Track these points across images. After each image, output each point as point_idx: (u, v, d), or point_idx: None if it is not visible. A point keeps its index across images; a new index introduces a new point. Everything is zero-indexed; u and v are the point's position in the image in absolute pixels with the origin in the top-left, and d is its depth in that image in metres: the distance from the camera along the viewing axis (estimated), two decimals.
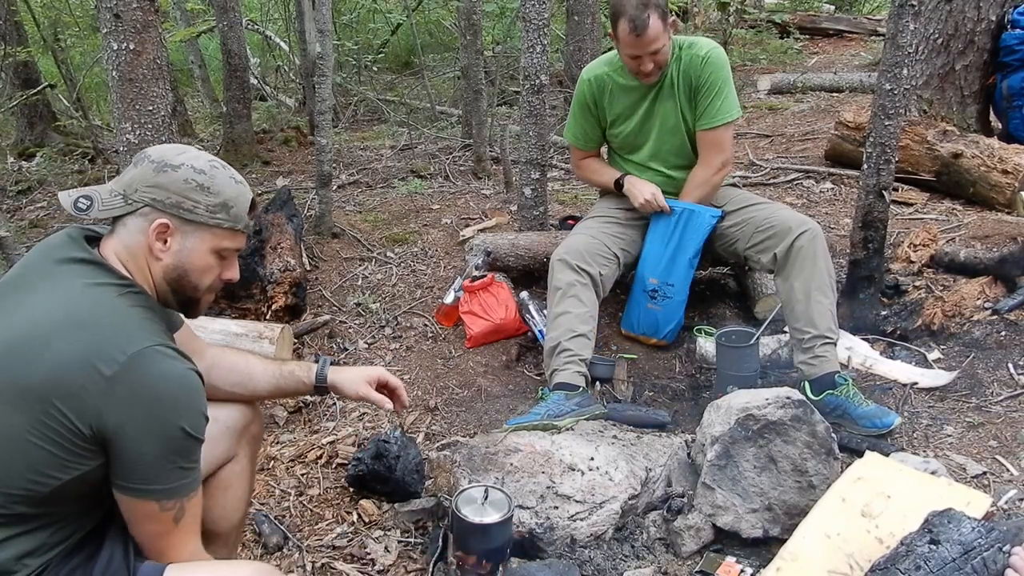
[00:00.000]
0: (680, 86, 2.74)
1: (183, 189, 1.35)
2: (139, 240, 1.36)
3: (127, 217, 1.36)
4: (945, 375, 2.69)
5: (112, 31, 2.74)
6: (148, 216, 1.35)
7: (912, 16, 2.71)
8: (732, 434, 1.97)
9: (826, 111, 5.69)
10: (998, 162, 3.79)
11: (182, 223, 1.36)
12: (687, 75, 2.72)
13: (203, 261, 1.40)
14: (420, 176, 4.90)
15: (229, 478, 1.66)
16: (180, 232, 1.37)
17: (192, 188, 1.35)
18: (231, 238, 1.43)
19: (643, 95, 2.79)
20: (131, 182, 1.35)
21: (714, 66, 2.69)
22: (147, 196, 1.34)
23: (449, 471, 2.15)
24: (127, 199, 1.35)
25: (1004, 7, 4.34)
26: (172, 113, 2.96)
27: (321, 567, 2.03)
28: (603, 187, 3.06)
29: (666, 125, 2.80)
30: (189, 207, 1.35)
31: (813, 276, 2.55)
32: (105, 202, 1.35)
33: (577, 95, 2.90)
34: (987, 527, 1.54)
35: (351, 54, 7.17)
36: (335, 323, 3.22)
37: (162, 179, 1.34)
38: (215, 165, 1.39)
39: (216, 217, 1.38)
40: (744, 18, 8.27)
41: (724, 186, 2.89)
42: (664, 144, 2.83)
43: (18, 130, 6.03)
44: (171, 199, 1.34)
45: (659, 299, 2.91)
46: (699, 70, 2.69)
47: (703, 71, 2.69)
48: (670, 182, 2.87)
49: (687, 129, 2.80)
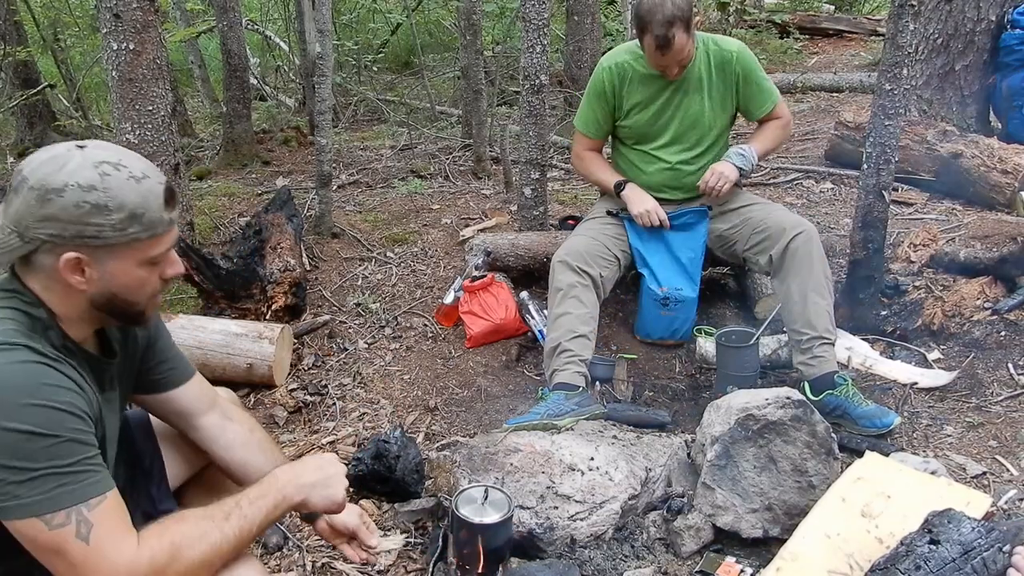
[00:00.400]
0: (710, 81, 2.75)
1: (77, 216, 1.15)
2: (53, 275, 1.19)
3: (31, 255, 1.18)
4: (945, 375, 2.69)
5: (112, 31, 2.74)
6: (52, 252, 1.17)
7: (912, 16, 2.71)
8: (732, 434, 1.97)
9: (826, 111, 5.69)
10: (998, 162, 3.79)
11: (92, 251, 1.18)
12: (720, 70, 2.74)
13: (131, 278, 1.24)
14: (420, 176, 4.90)
15: (215, 477, 1.64)
16: (94, 260, 1.19)
17: (87, 212, 1.15)
18: (154, 244, 1.24)
19: (664, 86, 2.77)
20: (19, 216, 1.16)
21: (749, 58, 2.76)
22: (43, 232, 1.15)
23: (449, 471, 2.15)
24: (23, 237, 1.16)
25: (1004, 7, 4.34)
26: (172, 113, 2.96)
27: (321, 567, 2.03)
28: (600, 186, 3.05)
29: (688, 118, 2.79)
30: (92, 233, 1.16)
31: (809, 277, 2.56)
32: (1, 243, 1.18)
33: (595, 82, 2.86)
34: (987, 527, 1.54)
35: (351, 54, 7.17)
36: (335, 323, 3.22)
37: (50, 210, 1.14)
38: (105, 171, 1.17)
39: (127, 233, 1.18)
40: (744, 18, 8.28)
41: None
42: (682, 136, 2.82)
43: (18, 130, 6.04)
44: (69, 230, 1.15)
45: (672, 304, 2.91)
46: (735, 65, 2.74)
47: (738, 65, 2.74)
48: (677, 175, 2.85)
49: (709, 123, 2.80)
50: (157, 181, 1.23)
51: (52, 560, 1.13)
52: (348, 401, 2.80)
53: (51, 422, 1.11)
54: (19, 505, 1.09)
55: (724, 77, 2.75)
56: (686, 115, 2.79)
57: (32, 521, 1.10)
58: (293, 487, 1.36)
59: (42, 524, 1.10)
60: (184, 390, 1.54)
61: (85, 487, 1.13)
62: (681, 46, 2.56)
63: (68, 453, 1.12)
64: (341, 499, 1.43)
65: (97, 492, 1.15)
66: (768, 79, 2.83)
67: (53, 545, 1.11)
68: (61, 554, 1.12)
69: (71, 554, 1.12)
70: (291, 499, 1.35)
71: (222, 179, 4.98)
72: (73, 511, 1.11)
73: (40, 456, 1.10)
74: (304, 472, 1.39)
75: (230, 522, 1.25)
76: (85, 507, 1.12)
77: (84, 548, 1.12)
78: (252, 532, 1.28)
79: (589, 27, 5.76)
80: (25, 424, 1.09)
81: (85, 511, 1.12)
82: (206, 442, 1.55)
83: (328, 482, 1.41)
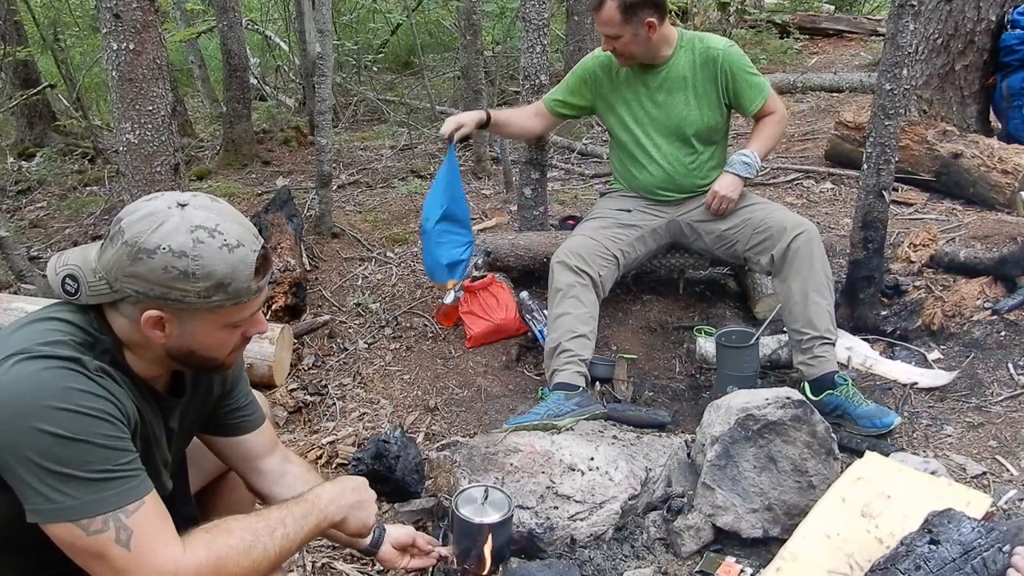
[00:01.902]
0: (694, 79, 2.75)
1: (164, 280, 1.16)
2: (134, 325, 1.22)
3: (117, 303, 1.21)
4: (945, 375, 2.69)
5: (112, 31, 2.74)
6: (136, 305, 1.19)
7: (912, 16, 2.71)
8: (732, 434, 1.97)
9: (826, 111, 5.69)
10: (998, 162, 3.79)
11: (175, 311, 1.20)
12: (705, 68, 2.74)
13: (212, 340, 1.26)
14: (420, 176, 4.90)
15: (235, 479, 1.64)
16: (176, 319, 1.21)
17: (174, 278, 1.16)
18: (239, 311, 1.24)
19: (646, 85, 2.80)
20: (110, 267, 1.19)
21: (735, 54, 2.75)
22: (129, 288, 1.18)
23: (449, 471, 2.15)
24: (111, 287, 1.19)
25: (1004, 7, 4.34)
26: (172, 113, 2.96)
27: (321, 567, 2.03)
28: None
29: (672, 117, 2.80)
30: (177, 296, 1.18)
31: (810, 277, 2.56)
32: (92, 287, 1.20)
33: (583, 64, 2.92)
34: (987, 527, 1.54)
35: (351, 54, 7.17)
36: (335, 323, 3.22)
37: (139, 269, 1.16)
38: (199, 237, 1.17)
39: (212, 300, 1.19)
40: (744, 18, 8.27)
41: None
42: (669, 136, 2.82)
43: (18, 130, 6.04)
44: (154, 291, 1.17)
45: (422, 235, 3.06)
46: (722, 62, 2.73)
47: (726, 62, 2.73)
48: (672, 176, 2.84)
49: (696, 122, 2.79)
50: (251, 249, 1.22)
51: (94, 565, 1.12)
52: (348, 401, 2.81)
53: (79, 427, 1.10)
54: (54, 509, 1.09)
55: (710, 75, 2.74)
56: (670, 115, 2.80)
57: (67, 526, 1.10)
58: (335, 507, 1.38)
59: (79, 530, 1.10)
60: (254, 435, 1.55)
61: (121, 493, 1.12)
62: (609, 18, 2.59)
63: (101, 459, 1.11)
64: (372, 524, 1.46)
65: (135, 497, 1.14)
66: (758, 74, 2.81)
67: (93, 551, 1.11)
68: (103, 560, 1.11)
69: (113, 560, 1.11)
70: (332, 518, 1.37)
71: (222, 179, 4.98)
72: (110, 517, 1.11)
73: (71, 461, 1.09)
74: (344, 493, 1.42)
75: (274, 537, 1.25)
76: (123, 513, 1.12)
77: (126, 554, 1.11)
78: (293, 548, 1.29)
79: (589, 27, 5.75)
80: (54, 427, 1.08)
81: (123, 517, 1.12)
82: (267, 484, 1.55)
83: (363, 505, 1.44)
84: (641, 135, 2.85)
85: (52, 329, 1.18)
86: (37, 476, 1.08)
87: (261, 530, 1.24)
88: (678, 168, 2.84)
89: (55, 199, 4.96)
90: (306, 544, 1.35)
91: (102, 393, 1.15)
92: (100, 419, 1.12)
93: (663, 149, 2.83)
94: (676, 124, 2.80)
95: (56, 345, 1.15)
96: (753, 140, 2.86)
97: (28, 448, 1.08)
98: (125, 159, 2.92)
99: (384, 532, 1.62)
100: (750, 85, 2.77)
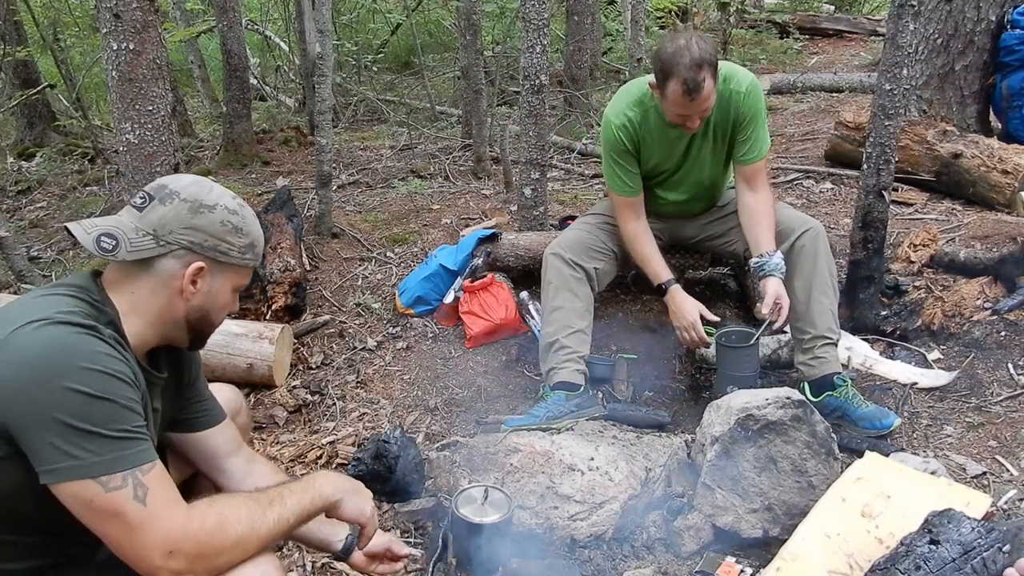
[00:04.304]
0: (716, 122, 2.59)
1: (220, 232, 1.33)
2: (168, 283, 1.31)
3: (155, 259, 1.30)
4: (945, 375, 2.69)
5: (112, 31, 2.74)
6: (183, 259, 1.31)
7: (912, 16, 2.71)
8: (732, 434, 1.97)
9: (826, 111, 5.69)
10: (998, 162, 3.79)
11: (215, 264, 1.35)
12: (726, 110, 2.57)
13: (225, 299, 1.41)
14: (420, 176, 4.90)
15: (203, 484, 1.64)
16: (211, 274, 1.35)
17: (229, 231, 1.34)
18: (247, 275, 1.44)
19: (677, 138, 2.62)
20: (163, 222, 1.29)
21: (756, 99, 2.57)
22: (184, 239, 1.30)
23: (449, 471, 2.15)
24: (159, 240, 1.29)
25: (1004, 7, 4.34)
26: (172, 113, 2.96)
27: (321, 567, 2.03)
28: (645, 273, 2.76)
29: (704, 162, 2.69)
30: (225, 249, 1.34)
31: (814, 276, 2.54)
32: (133, 243, 1.28)
33: (610, 142, 2.65)
34: (987, 527, 1.54)
35: (351, 54, 7.18)
36: (335, 323, 3.22)
37: (199, 221, 1.31)
38: (241, 203, 1.39)
39: (245, 258, 1.38)
40: (744, 18, 8.28)
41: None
42: (697, 178, 2.74)
43: (18, 130, 6.04)
44: (208, 242, 1.32)
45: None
46: (741, 105, 2.55)
47: (745, 105, 2.55)
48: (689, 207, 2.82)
49: (719, 162, 2.70)
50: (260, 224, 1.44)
51: (107, 523, 1.15)
52: (348, 401, 2.80)
53: (107, 386, 1.15)
54: (77, 466, 1.12)
55: (731, 115, 2.57)
56: (695, 163, 2.69)
57: (88, 483, 1.13)
58: (332, 488, 1.41)
59: (99, 487, 1.13)
60: (216, 432, 1.57)
61: (139, 453, 1.17)
62: (709, 91, 2.37)
63: (124, 419, 1.17)
64: (369, 513, 1.46)
65: (150, 458, 1.19)
66: (766, 129, 2.65)
67: (111, 508, 1.14)
68: (119, 516, 1.14)
69: (129, 516, 1.14)
70: (329, 498, 1.39)
71: (222, 179, 4.98)
72: (129, 475, 1.15)
73: (99, 419, 1.13)
74: (341, 478, 1.46)
75: (273, 509, 1.29)
76: (140, 472, 1.16)
77: (142, 510, 1.14)
78: (290, 524, 1.32)
79: (589, 27, 5.77)
80: (85, 386, 1.13)
81: (140, 475, 1.16)
82: (232, 484, 1.57)
83: (360, 492, 1.46)
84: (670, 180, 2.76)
85: (62, 300, 1.23)
86: (61, 435, 1.11)
87: (260, 500, 1.29)
88: (694, 203, 2.82)
89: (55, 199, 4.96)
90: (303, 522, 1.36)
91: (120, 357, 1.21)
92: (123, 381, 1.18)
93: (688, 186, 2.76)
94: (698, 171, 2.72)
95: (71, 314, 1.20)
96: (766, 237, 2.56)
97: (56, 407, 1.11)
98: (125, 159, 2.91)
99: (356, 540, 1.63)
100: (758, 138, 2.60)
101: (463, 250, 3.28)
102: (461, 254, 3.27)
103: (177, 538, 1.15)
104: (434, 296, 3.24)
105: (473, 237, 3.30)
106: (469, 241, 3.30)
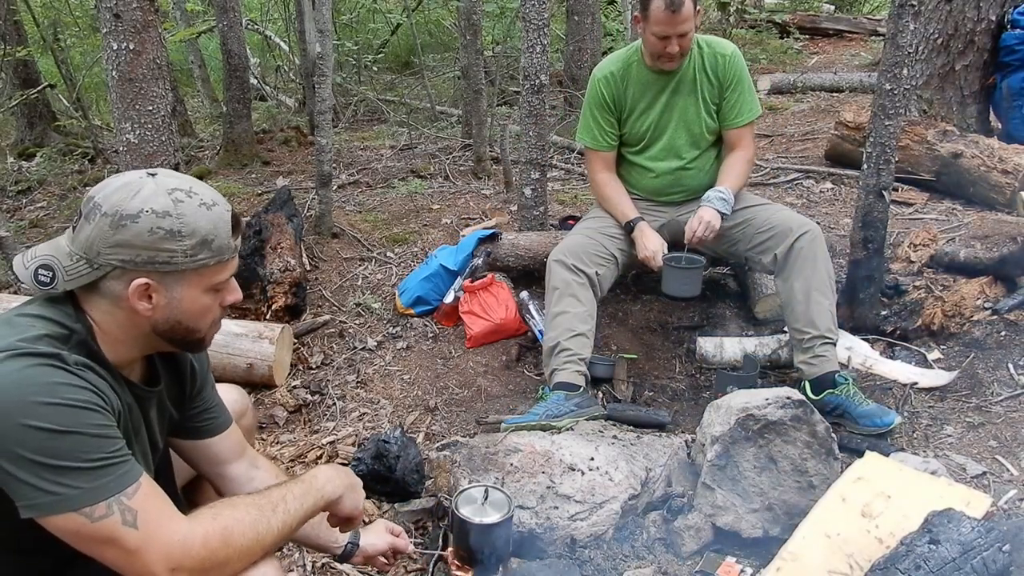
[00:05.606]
0: (702, 82, 2.74)
1: (151, 242, 1.17)
2: (118, 302, 1.21)
3: (98, 282, 1.20)
4: (945, 375, 2.69)
5: (112, 31, 2.74)
6: (122, 278, 1.19)
7: (912, 16, 2.71)
8: (732, 434, 1.97)
9: (826, 111, 5.69)
10: (998, 162, 3.78)
11: (162, 276, 1.21)
12: (712, 72, 2.73)
13: (198, 304, 1.27)
14: (420, 176, 4.90)
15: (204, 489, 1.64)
16: (163, 285, 1.21)
17: (161, 238, 1.18)
18: (221, 270, 1.27)
19: (662, 88, 2.77)
20: (90, 243, 1.18)
21: (739, 64, 2.74)
22: (113, 259, 1.18)
23: (449, 471, 2.15)
24: (92, 264, 1.18)
25: (1004, 7, 4.34)
26: (172, 113, 2.96)
27: (321, 567, 2.03)
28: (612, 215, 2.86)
29: (684, 119, 2.79)
30: (164, 259, 1.19)
31: (813, 277, 2.56)
32: (69, 271, 1.19)
33: (592, 95, 2.83)
34: (987, 527, 1.54)
35: (351, 54, 7.18)
36: (335, 323, 3.22)
37: (123, 235, 1.17)
38: (178, 197, 1.20)
39: (199, 259, 1.22)
40: (744, 18, 8.28)
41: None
42: (679, 138, 2.81)
43: (18, 130, 6.04)
44: (141, 256, 1.18)
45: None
46: (726, 68, 2.72)
47: (729, 69, 2.72)
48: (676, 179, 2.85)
49: (704, 124, 2.79)
50: (224, 208, 1.25)
51: (103, 550, 1.13)
52: (348, 401, 2.81)
53: (69, 419, 1.11)
54: (56, 500, 1.09)
55: (715, 79, 2.74)
56: (682, 118, 2.78)
57: (71, 516, 1.10)
58: (332, 486, 1.38)
59: (83, 518, 1.11)
60: (221, 439, 1.55)
61: (118, 478, 1.14)
62: (688, 15, 2.52)
63: (96, 447, 1.12)
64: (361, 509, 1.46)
65: (131, 480, 1.15)
66: (755, 92, 2.80)
67: (101, 536, 1.12)
68: (112, 543, 1.12)
69: (124, 542, 1.12)
70: (329, 497, 1.37)
71: (222, 179, 4.98)
72: (113, 502, 1.12)
73: (66, 454, 1.10)
74: (339, 474, 1.43)
75: (277, 515, 1.26)
76: (124, 496, 1.13)
77: (135, 534, 1.12)
78: (293, 527, 1.30)
79: (589, 27, 5.76)
80: (44, 422, 1.08)
81: (125, 500, 1.13)
82: (233, 490, 1.55)
83: (356, 488, 1.45)
84: (653, 137, 2.83)
85: (28, 325, 1.18)
86: (32, 472, 1.08)
87: (264, 505, 1.26)
88: (683, 173, 2.84)
89: (55, 199, 4.96)
90: (305, 523, 1.36)
91: (85, 385, 1.15)
92: (88, 409, 1.13)
93: (673, 149, 2.82)
94: (685, 128, 2.79)
95: (34, 341, 1.15)
96: (726, 177, 2.75)
97: (18, 445, 1.08)
98: (125, 159, 2.92)
99: (357, 548, 1.65)
100: (745, 100, 2.76)
101: (463, 250, 3.28)
102: (461, 254, 3.27)
103: (179, 555, 1.14)
104: (434, 296, 3.24)
105: (473, 237, 3.30)
106: (469, 241, 3.30)
